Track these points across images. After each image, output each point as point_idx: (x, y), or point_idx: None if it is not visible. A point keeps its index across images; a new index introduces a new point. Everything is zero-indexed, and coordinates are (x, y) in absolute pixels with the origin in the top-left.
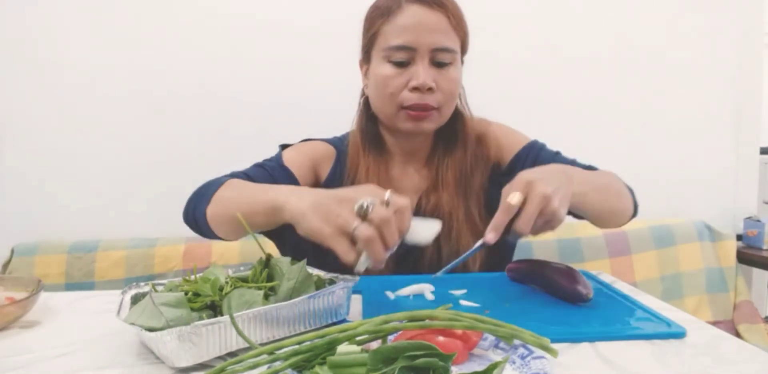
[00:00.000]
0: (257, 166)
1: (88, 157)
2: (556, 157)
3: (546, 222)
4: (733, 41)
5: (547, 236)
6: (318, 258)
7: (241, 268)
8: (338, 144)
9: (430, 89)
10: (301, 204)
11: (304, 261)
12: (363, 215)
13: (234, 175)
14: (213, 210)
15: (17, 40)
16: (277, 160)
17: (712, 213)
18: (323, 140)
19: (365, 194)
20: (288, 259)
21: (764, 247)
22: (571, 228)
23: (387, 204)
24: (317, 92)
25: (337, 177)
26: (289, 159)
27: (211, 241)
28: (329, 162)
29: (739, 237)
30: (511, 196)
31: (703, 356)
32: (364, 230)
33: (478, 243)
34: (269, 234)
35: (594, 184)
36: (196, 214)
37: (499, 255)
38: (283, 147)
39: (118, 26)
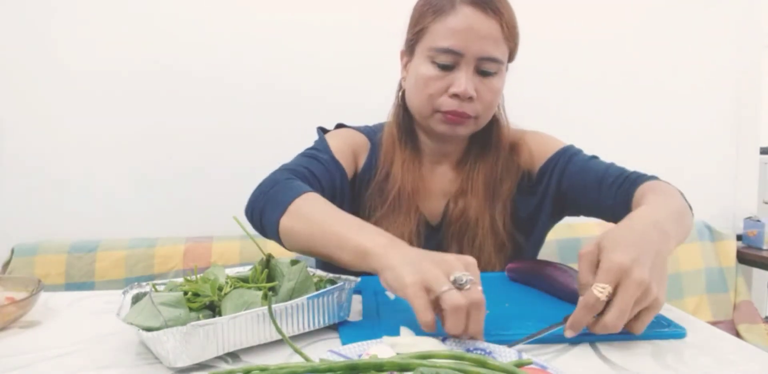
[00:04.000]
0: (311, 158)
1: (88, 157)
2: (589, 163)
3: (644, 309)
4: (733, 42)
5: (547, 236)
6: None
7: (243, 268)
8: (372, 135)
9: (470, 98)
10: (394, 252)
11: (304, 261)
12: (457, 286)
13: (296, 172)
14: (288, 224)
15: (17, 39)
16: (326, 150)
17: (712, 213)
18: (356, 130)
19: (461, 266)
20: (288, 260)
21: (764, 247)
22: (571, 228)
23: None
24: (317, 91)
25: (372, 168)
26: (337, 150)
27: (211, 241)
28: (365, 153)
29: (739, 237)
30: (600, 290)
31: (703, 356)
32: (456, 296)
33: (556, 329)
34: None
35: (678, 225)
36: (264, 220)
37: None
38: (323, 131)
39: (119, 25)
